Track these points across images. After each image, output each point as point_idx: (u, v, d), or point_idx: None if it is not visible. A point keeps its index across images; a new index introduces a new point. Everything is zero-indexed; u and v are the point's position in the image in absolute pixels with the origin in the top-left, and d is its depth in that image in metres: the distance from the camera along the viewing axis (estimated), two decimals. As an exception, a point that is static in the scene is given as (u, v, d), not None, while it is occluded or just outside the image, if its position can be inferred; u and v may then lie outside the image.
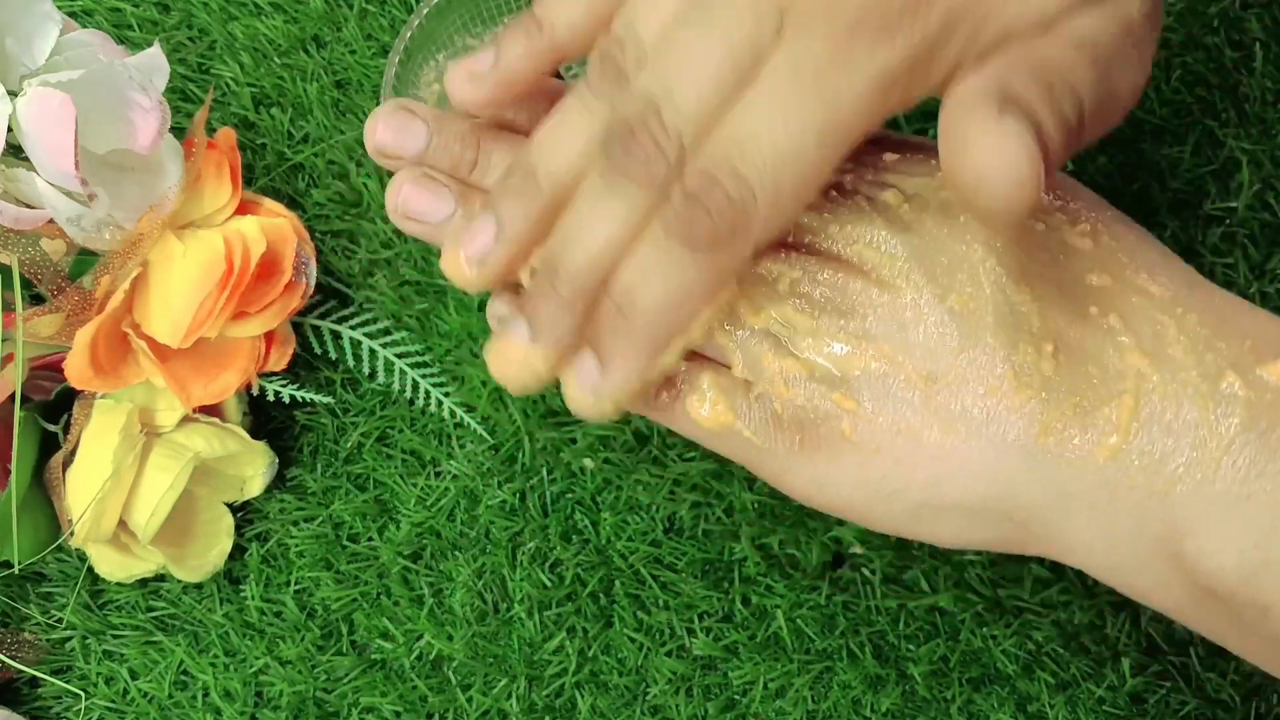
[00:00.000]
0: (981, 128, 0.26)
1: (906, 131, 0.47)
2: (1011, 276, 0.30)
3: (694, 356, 0.32)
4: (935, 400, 0.30)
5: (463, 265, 0.30)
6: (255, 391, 0.44)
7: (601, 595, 0.44)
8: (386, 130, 0.32)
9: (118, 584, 0.44)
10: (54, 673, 0.44)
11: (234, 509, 0.44)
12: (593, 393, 0.29)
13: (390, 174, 0.46)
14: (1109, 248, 0.30)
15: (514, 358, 0.29)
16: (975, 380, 0.29)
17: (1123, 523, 0.28)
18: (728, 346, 0.31)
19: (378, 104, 0.47)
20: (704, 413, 0.31)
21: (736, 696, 0.43)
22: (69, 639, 0.45)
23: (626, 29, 0.28)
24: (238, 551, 0.45)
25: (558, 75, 0.46)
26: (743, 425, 0.31)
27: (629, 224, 0.28)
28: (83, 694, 0.44)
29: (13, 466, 0.40)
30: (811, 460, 0.31)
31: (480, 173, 0.33)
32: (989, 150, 0.26)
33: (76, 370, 0.39)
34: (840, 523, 0.43)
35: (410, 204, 0.32)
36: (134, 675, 0.44)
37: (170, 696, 0.44)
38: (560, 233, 0.29)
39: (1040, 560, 0.42)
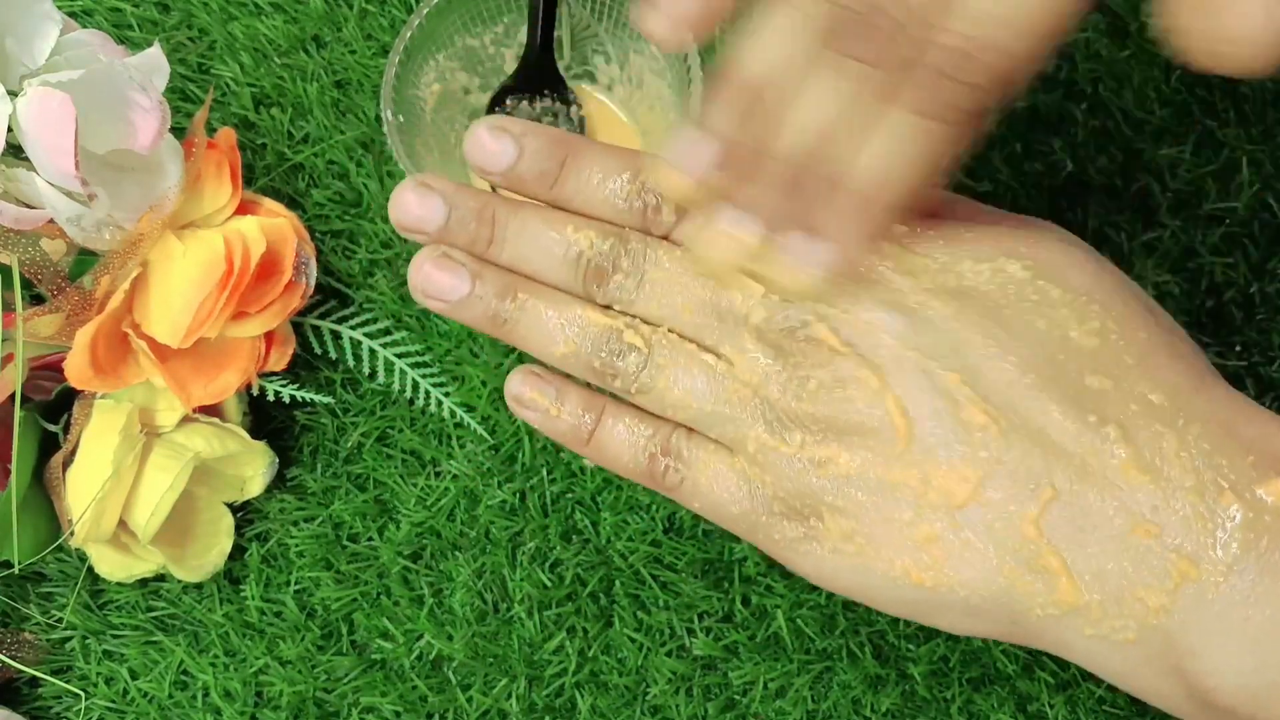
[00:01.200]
0: None
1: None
2: (1010, 376, 0.29)
3: (700, 438, 0.32)
4: (928, 499, 0.30)
5: (685, 184, 0.30)
6: (255, 391, 0.44)
7: (601, 595, 0.44)
8: (407, 208, 0.33)
9: (118, 584, 0.44)
10: (54, 673, 0.44)
11: (234, 509, 0.44)
12: (816, 270, 0.30)
13: (393, 179, 0.46)
14: (1116, 348, 0.29)
15: (732, 243, 0.30)
16: (968, 485, 0.29)
17: (1124, 634, 0.28)
18: (737, 432, 0.31)
19: (378, 104, 0.47)
20: (712, 491, 0.32)
21: (736, 696, 0.43)
22: (69, 639, 0.45)
23: None
24: (238, 551, 0.45)
25: (557, 77, 0.47)
26: (747, 509, 0.32)
27: (847, 101, 0.28)
28: (83, 694, 0.44)
29: (13, 466, 0.40)
30: (814, 547, 0.31)
31: (497, 249, 0.33)
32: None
33: (76, 370, 0.39)
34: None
35: (431, 283, 0.33)
36: (134, 675, 0.44)
37: (170, 696, 0.44)
38: (790, 116, 0.29)
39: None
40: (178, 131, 0.40)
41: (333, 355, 0.45)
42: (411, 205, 0.33)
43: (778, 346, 0.31)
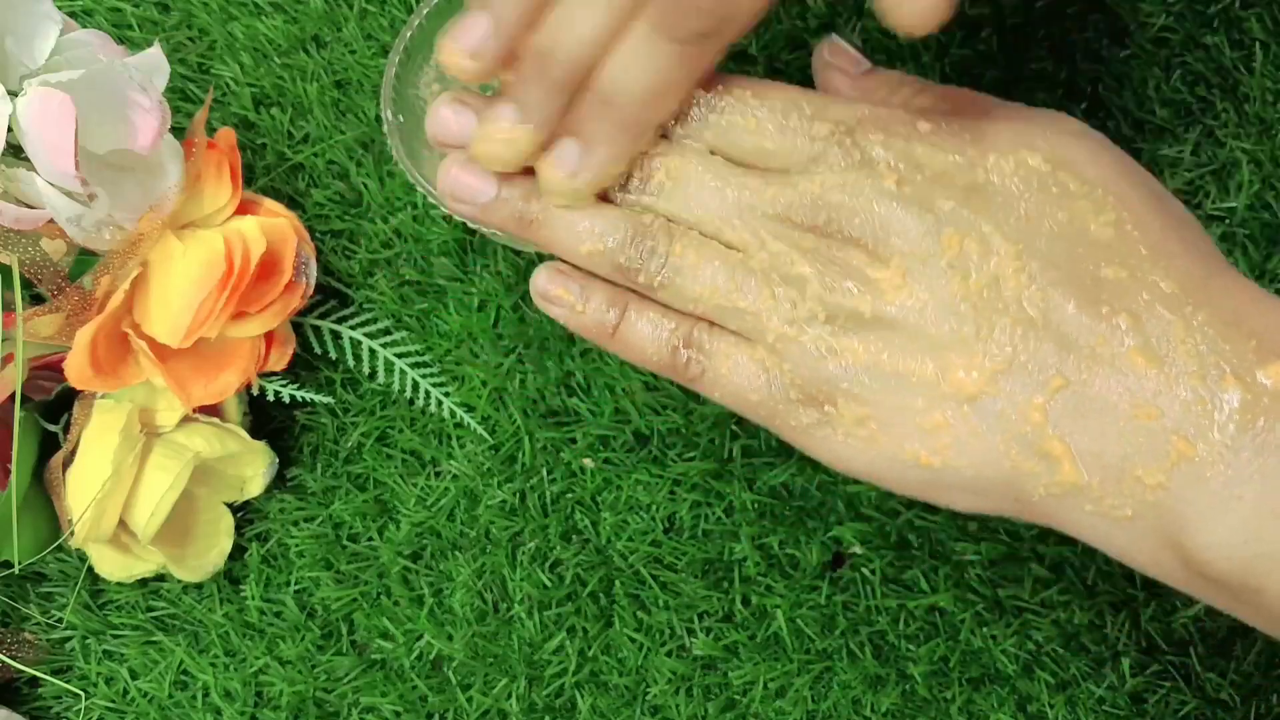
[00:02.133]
0: None
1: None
2: (1025, 268, 0.30)
3: (720, 330, 0.34)
4: (940, 387, 0.31)
5: (461, 57, 0.32)
6: (255, 391, 0.44)
7: (601, 595, 0.44)
8: (444, 122, 0.34)
9: (118, 584, 0.44)
10: (54, 673, 0.44)
11: (234, 509, 0.44)
12: (571, 174, 0.32)
13: (393, 179, 0.46)
14: (1130, 238, 0.30)
15: (500, 135, 0.32)
16: (979, 371, 0.30)
17: (1122, 511, 0.30)
18: (756, 321, 0.32)
19: (378, 104, 0.47)
20: (732, 380, 0.33)
21: (736, 696, 0.43)
22: (69, 639, 0.45)
23: None
24: (238, 551, 0.45)
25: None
26: (765, 397, 0.33)
27: (616, 19, 0.31)
28: (83, 694, 0.44)
29: (13, 466, 0.40)
30: (829, 432, 0.32)
31: None
32: None
33: (76, 370, 0.39)
34: (840, 522, 0.43)
35: (459, 186, 0.34)
36: (134, 675, 0.44)
37: (170, 696, 0.44)
38: (550, 23, 0.31)
39: (1040, 560, 0.42)
40: (178, 131, 0.40)
41: (333, 355, 0.45)
42: (449, 119, 0.34)
43: (797, 242, 0.32)
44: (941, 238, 0.31)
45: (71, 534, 0.40)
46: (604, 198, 0.34)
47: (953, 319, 0.30)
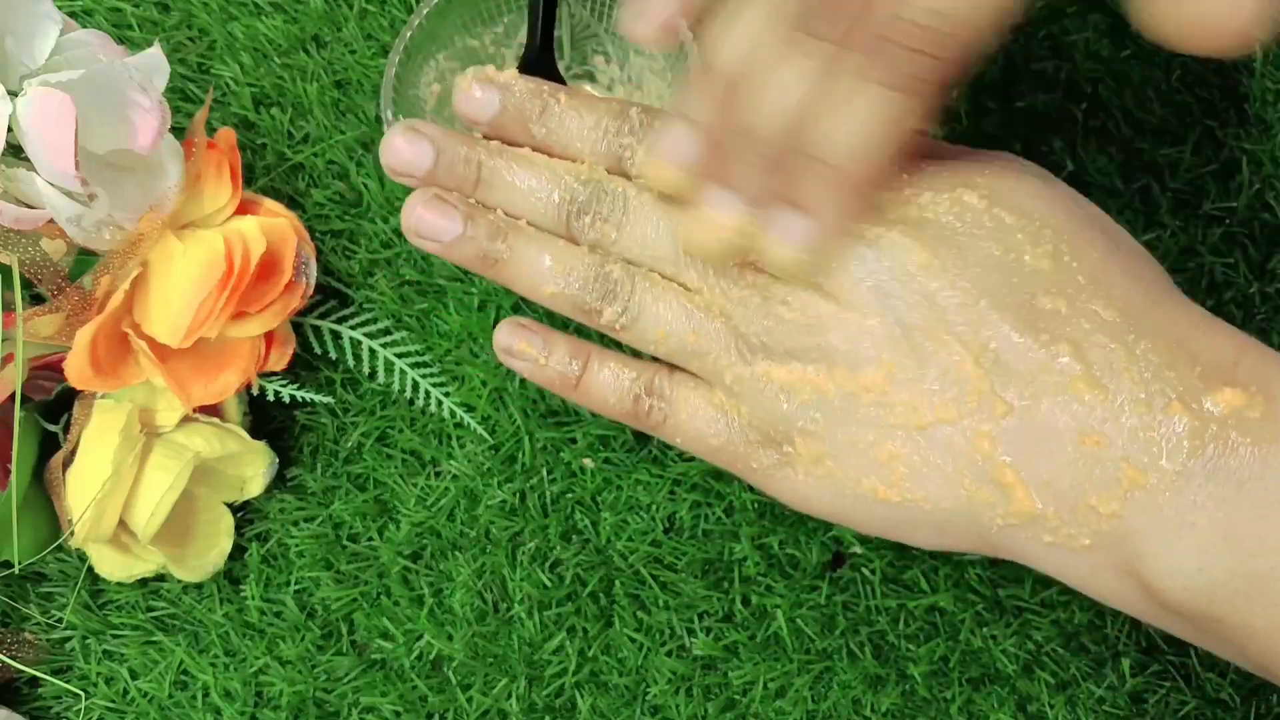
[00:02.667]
0: None
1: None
2: (964, 298, 0.30)
3: (679, 372, 0.34)
4: (889, 420, 0.31)
5: (668, 170, 0.31)
6: (255, 391, 0.44)
7: (601, 595, 0.44)
8: (397, 152, 0.34)
9: (118, 584, 0.44)
10: (54, 673, 0.44)
11: (234, 509, 0.44)
12: (803, 247, 0.30)
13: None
14: (1069, 269, 0.31)
15: (720, 223, 0.31)
16: (926, 405, 0.31)
17: (1080, 541, 0.30)
18: (713, 362, 0.33)
19: (378, 104, 0.47)
20: (693, 425, 0.34)
21: (736, 696, 0.43)
22: (69, 639, 0.45)
23: None
24: (238, 551, 0.45)
25: (557, 77, 0.47)
26: (725, 441, 0.34)
27: (816, 77, 0.29)
28: (83, 694, 0.44)
29: (13, 466, 0.40)
30: (789, 473, 0.33)
31: (484, 191, 0.34)
32: None
33: (76, 370, 0.39)
34: (840, 523, 0.43)
35: (423, 225, 0.34)
36: (134, 675, 0.44)
37: (170, 696, 0.44)
38: (747, 100, 0.30)
39: (1040, 560, 0.42)
40: (178, 131, 0.40)
41: (333, 355, 0.45)
42: (402, 149, 0.34)
43: (743, 280, 0.32)
44: (880, 269, 0.31)
45: (71, 534, 0.40)
46: (567, 236, 0.34)
47: (893, 349, 0.31)
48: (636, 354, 0.36)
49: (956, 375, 0.30)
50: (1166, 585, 0.29)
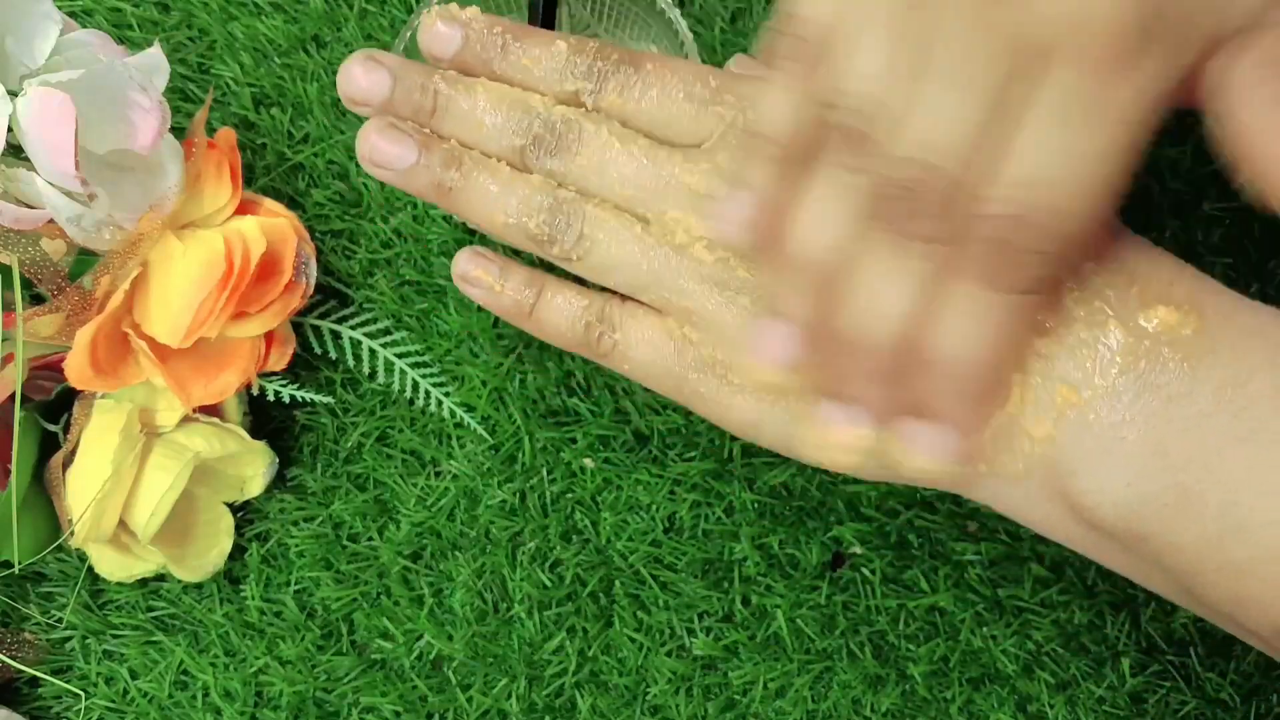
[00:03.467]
0: None
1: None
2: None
3: (633, 304, 0.34)
4: None
5: (772, 372, 0.31)
6: (255, 391, 0.44)
7: (601, 595, 0.44)
8: (354, 80, 0.34)
9: (118, 584, 0.44)
10: (54, 673, 0.44)
11: (234, 509, 0.44)
12: (946, 457, 0.30)
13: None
14: None
15: (844, 443, 0.30)
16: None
17: (1014, 467, 0.30)
18: (666, 293, 0.33)
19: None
20: (641, 352, 0.34)
21: (736, 696, 0.43)
22: (69, 639, 0.45)
23: (853, 96, 0.27)
24: (238, 551, 0.45)
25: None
26: (673, 366, 0.34)
27: (925, 284, 0.28)
28: (83, 694, 0.44)
29: (13, 466, 0.40)
30: (739, 399, 0.33)
31: (439, 119, 0.35)
32: None
33: (76, 370, 0.39)
34: (840, 522, 0.43)
35: (377, 152, 0.34)
36: (134, 675, 0.44)
37: (170, 696, 0.44)
38: (855, 309, 0.29)
39: (1040, 560, 0.42)
40: (178, 131, 0.40)
41: (333, 355, 0.45)
42: (358, 77, 0.34)
43: (702, 210, 0.33)
44: None
45: (71, 534, 0.40)
46: (521, 165, 0.34)
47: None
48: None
49: None
50: (1096, 503, 0.29)
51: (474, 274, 0.36)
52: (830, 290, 0.29)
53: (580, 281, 0.36)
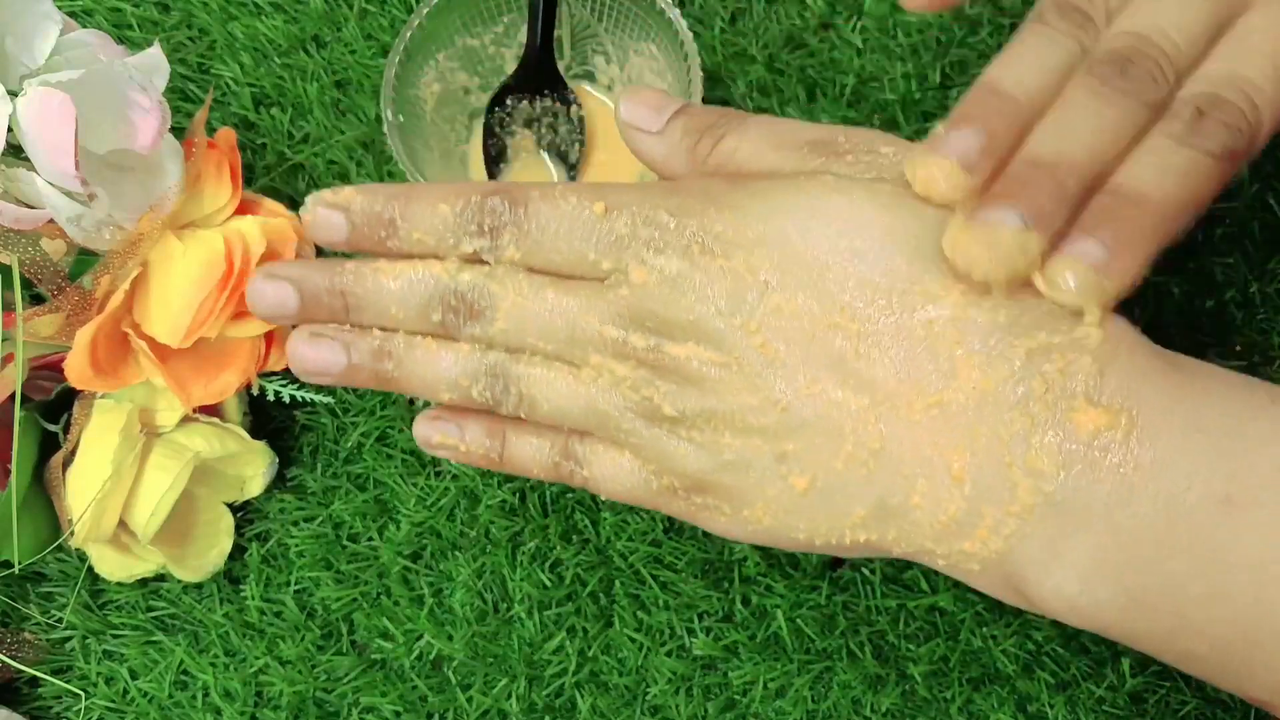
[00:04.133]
0: None
1: (904, 132, 0.47)
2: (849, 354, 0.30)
3: (593, 438, 0.34)
4: (788, 466, 0.31)
5: (950, 172, 0.30)
6: (255, 391, 0.44)
7: (601, 595, 0.44)
8: (263, 298, 0.34)
9: (118, 584, 0.44)
10: (54, 673, 0.44)
11: (234, 509, 0.44)
12: (1097, 274, 0.29)
13: (393, 179, 0.45)
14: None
15: (1007, 242, 0.29)
16: (829, 452, 0.31)
17: (969, 566, 0.31)
18: (614, 430, 0.33)
19: (378, 104, 0.47)
20: (615, 482, 0.34)
21: (736, 696, 0.43)
22: (69, 639, 0.45)
23: None
24: (238, 551, 0.45)
25: (557, 77, 0.47)
26: (647, 494, 0.34)
27: (1126, 132, 0.30)
28: (83, 694, 0.44)
29: (13, 466, 0.40)
30: (716, 515, 0.33)
31: (356, 314, 0.34)
32: None
33: (76, 370, 0.39)
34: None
35: (309, 362, 0.35)
36: (134, 675, 0.44)
37: (170, 696, 0.44)
38: (1050, 131, 0.30)
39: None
40: (178, 131, 0.40)
41: (333, 355, 0.45)
42: (266, 294, 0.34)
43: (623, 350, 0.32)
44: (750, 323, 0.31)
45: (71, 534, 0.40)
46: (447, 336, 0.34)
47: (774, 403, 0.31)
48: None
49: (836, 425, 0.31)
50: (1053, 607, 0.29)
51: (435, 439, 0.36)
52: (1023, 121, 0.30)
53: None
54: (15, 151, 0.37)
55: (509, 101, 0.47)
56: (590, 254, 0.32)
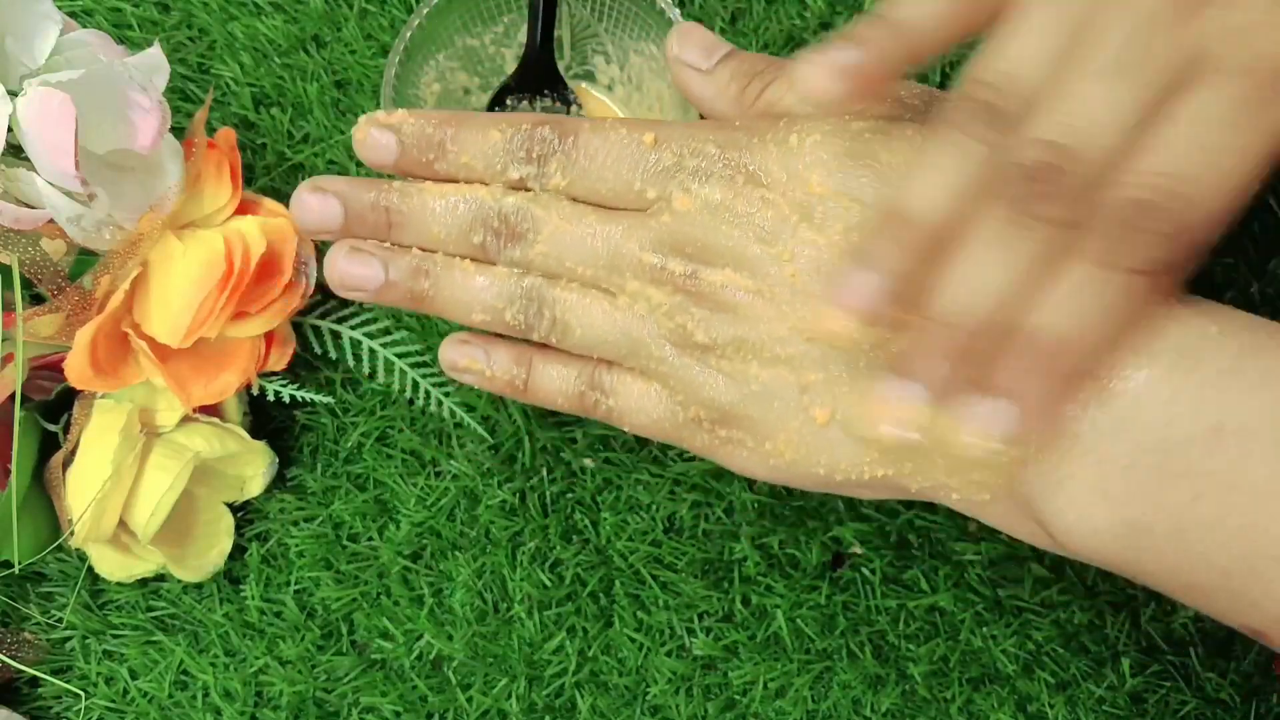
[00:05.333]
0: None
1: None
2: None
3: (620, 368, 0.35)
4: (810, 397, 0.32)
5: (844, 320, 0.29)
6: (255, 391, 0.44)
7: (601, 595, 0.44)
8: (308, 210, 0.35)
9: (118, 584, 0.44)
10: (54, 673, 0.44)
11: (234, 509, 0.44)
12: (1006, 440, 0.28)
13: (392, 179, 0.45)
14: None
15: (905, 417, 0.29)
16: (848, 389, 0.31)
17: (982, 497, 0.31)
18: (644, 360, 0.34)
19: (378, 104, 0.47)
20: (639, 413, 0.35)
21: (736, 696, 0.43)
22: (69, 639, 0.45)
23: (1002, 74, 0.28)
24: (238, 551, 0.45)
25: (557, 77, 0.47)
26: (670, 425, 0.35)
27: (1033, 264, 0.28)
28: (83, 694, 0.44)
29: (13, 466, 0.40)
30: (738, 449, 0.34)
31: (398, 232, 0.35)
32: None
33: (76, 370, 0.39)
34: (840, 522, 0.43)
35: (348, 278, 0.35)
36: (134, 675, 0.44)
37: (170, 696, 0.44)
38: (964, 279, 0.28)
39: (1040, 560, 0.42)
40: (178, 131, 0.40)
41: (333, 355, 0.45)
42: (313, 207, 0.35)
43: (660, 277, 0.33)
44: (784, 253, 0.32)
45: (71, 534, 0.40)
46: (485, 259, 0.35)
47: (800, 339, 0.32)
48: None
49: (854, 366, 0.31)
50: (1064, 540, 0.30)
51: (462, 363, 0.37)
52: (930, 255, 0.29)
53: None
54: (15, 151, 0.37)
55: (509, 101, 0.47)
56: (636, 182, 0.33)
